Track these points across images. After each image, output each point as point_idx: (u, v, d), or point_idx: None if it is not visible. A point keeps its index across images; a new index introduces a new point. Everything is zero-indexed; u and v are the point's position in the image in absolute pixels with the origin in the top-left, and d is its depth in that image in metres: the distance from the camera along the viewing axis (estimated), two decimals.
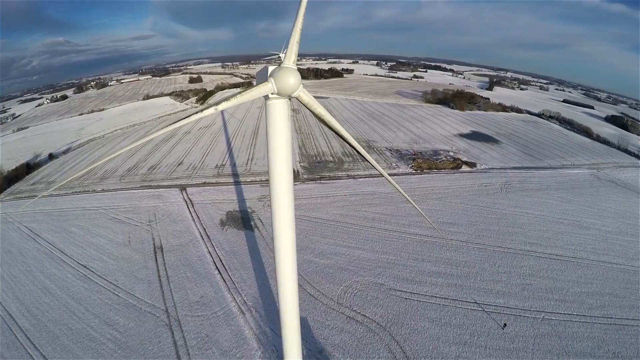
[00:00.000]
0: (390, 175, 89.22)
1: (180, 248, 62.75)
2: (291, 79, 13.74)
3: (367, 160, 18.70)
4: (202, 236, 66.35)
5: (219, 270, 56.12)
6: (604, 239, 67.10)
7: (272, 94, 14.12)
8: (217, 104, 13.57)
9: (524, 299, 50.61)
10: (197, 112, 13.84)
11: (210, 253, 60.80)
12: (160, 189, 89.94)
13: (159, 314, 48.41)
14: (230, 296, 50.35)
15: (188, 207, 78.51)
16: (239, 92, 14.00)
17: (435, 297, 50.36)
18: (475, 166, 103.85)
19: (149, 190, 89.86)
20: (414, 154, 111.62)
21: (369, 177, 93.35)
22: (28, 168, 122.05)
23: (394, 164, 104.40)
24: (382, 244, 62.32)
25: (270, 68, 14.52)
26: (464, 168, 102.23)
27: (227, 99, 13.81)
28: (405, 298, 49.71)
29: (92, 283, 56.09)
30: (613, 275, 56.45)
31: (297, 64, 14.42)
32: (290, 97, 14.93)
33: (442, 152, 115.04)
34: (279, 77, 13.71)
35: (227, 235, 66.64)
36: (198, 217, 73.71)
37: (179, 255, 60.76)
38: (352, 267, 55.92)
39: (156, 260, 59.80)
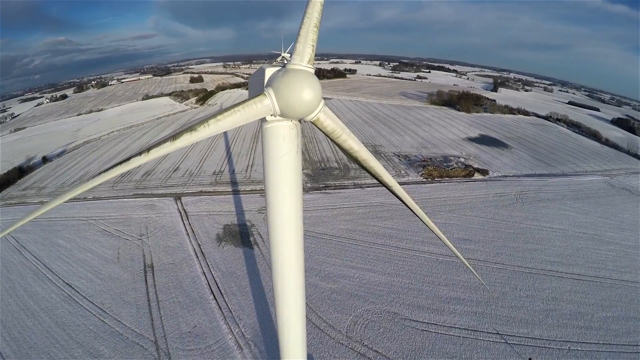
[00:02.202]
0: (399, 184, 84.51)
1: (172, 267, 57.66)
2: (306, 92, 8.58)
3: (434, 232, 13.64)
4: (196, 254, 61.24)
5: (214, 295, 51.00)
6: (625, 254, 63.58)
7: (271, 115, 9.09)
8: (174, 135, 8.32)
9: (548, 328, 46.45)
10: (141, 153, 8.42)
11: (205, 274, 55.67)
12: (154, 198, 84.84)
13: (148, 345, 43.63)
14: (227, 327, 45.30)
15: (182, 219, 73.44)
16: (213, 116, 8.63)
17: (454, 327, 45.51)
18: (488, 173, 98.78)
19: (142, 199, 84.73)
20: (424, 161, 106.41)
21: (376, 186, 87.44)
22: (20, 172, 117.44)
23: (403, 172, 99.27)
24: (394, 265, 57.20)
25: (269, 70, 9.41)
26: (477, 176, 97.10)
27: (192, 127, 8.47)
28: (422, 329, 44.73)
29: (77, 306, 51.48)
30: (637, 296, 53.04)
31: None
32: (302, 120, 9.80)
33: (452, 158, 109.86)
34: (283, 87, 8.60)
35: (224, 252, 61.48)
36: (193, 231, 68.63)
37: (171, 275, 55.70)
38: (362, 293, 50.81)
39: (146, 281, 54.81)
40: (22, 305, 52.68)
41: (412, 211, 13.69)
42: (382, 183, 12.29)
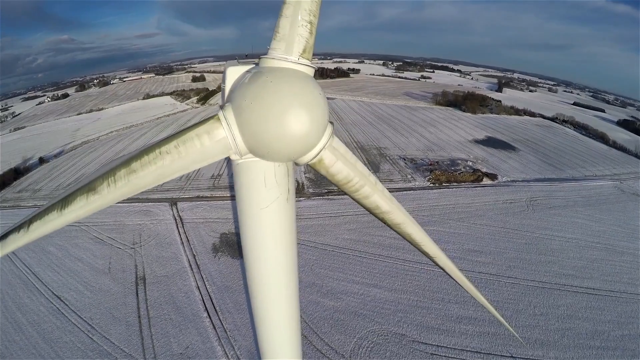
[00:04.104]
0: (406, 190, 79.47)
1: (165, 280, 54.56)
2: (292, 117, 4.95)
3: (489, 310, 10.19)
4: (191, 265, 58.05)
5: (208, 312, 47.86)
6: (639, 266, 60.98)
7: (235, 154, 5.57)
8: (64, 199, 5.11)
9: (565, 349, 43.98)
10: (20, 229, 5.38)
11: (199, 288, 52.51)
12: (149, 203, 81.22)
13: None
14: (221, 348, 42.22)
15: (177, 227, 70.20)
16: (125, 163, 5.44)
17: (466, 350, 42.47)
18: (497, 178, 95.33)
19: (136, 204, 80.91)
20: (431, 164, 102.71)
21: None
22: (16, 173, 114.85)
23: (409, 176, 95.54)
24: (401, 280, 53.85)
25: (233, 71, 5.73)
26: (485, 181, 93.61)
27: (89, 186, 5.51)
28: (432, 353, 41.63)
29: (65, 320, 48.80)
30: None
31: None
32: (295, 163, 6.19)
33: (459, 161, 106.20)
34: (248, 104, 4.96)
35: (220, 264, 58.24)
36: (188, 240, 65.40)
37: (164, 289, 52.62)
38: (366, 312, 47.52)
39: (137, 294, 51.82)
40: (10, 318, 50.25)
41: (462, 286, 10.31)
42: (423, 252, 8.81)
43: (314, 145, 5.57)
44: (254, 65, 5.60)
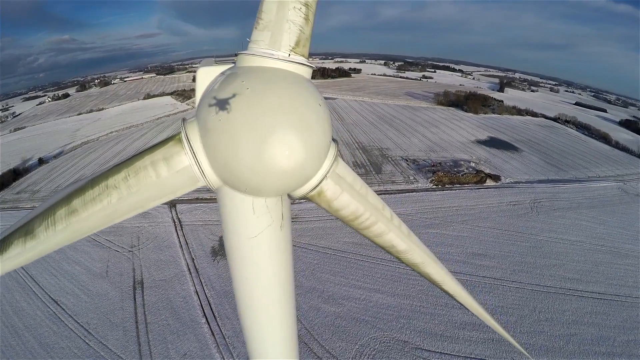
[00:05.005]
0: (409, 191, 78.22)
1: (163, 284, 53.76)
2: (275, 142, 3.37)
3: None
4: (189, 269, 57.18)
5: (207, 318, 47.02)
6: None
7: (212, 187, 4.09)
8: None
9: (570, 355, 43.42)
10: None
11: (197, 293, 51.68)
12: None
13: None
14: (220, 356, 41.39)
15: (176, 230, 69.28)
16: (65, 201, 3.87)
17: (470, 357, 41.83)
18: (500, 179, 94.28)
19: None
20: (433, 165, 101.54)
21: (383, 193, 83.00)
22: (15, 174, 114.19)
23: (411, 178, 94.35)
24: (404, 285, 52.81)
25: (206, 72, 4.22)
26: (488, 182, 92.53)
27: (27, 228, 3.90)
28: None
29: (61, 325, 48.23)
30: None
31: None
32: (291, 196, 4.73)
33: (462, 162, 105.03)
34: (217, 123, 3.45)
35: (219, 268, 57.41)
36: (187, 243, 64.55)
37: (161, 294, 51.82)
38: (368, 318, 46.63)
39: (135, 299, 51.07)
40: (6, 322, 49.87)
41: (485, 321, 9.18)
42: (443, 290, 7.68)
43: (311, 176, 4.20)
44: (232, 65, 4.18)
